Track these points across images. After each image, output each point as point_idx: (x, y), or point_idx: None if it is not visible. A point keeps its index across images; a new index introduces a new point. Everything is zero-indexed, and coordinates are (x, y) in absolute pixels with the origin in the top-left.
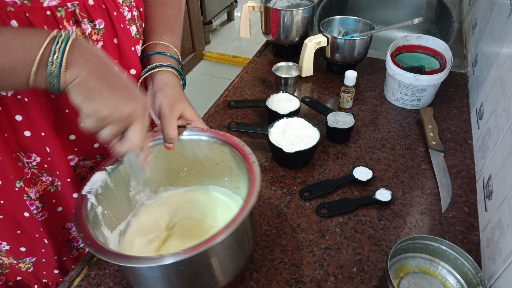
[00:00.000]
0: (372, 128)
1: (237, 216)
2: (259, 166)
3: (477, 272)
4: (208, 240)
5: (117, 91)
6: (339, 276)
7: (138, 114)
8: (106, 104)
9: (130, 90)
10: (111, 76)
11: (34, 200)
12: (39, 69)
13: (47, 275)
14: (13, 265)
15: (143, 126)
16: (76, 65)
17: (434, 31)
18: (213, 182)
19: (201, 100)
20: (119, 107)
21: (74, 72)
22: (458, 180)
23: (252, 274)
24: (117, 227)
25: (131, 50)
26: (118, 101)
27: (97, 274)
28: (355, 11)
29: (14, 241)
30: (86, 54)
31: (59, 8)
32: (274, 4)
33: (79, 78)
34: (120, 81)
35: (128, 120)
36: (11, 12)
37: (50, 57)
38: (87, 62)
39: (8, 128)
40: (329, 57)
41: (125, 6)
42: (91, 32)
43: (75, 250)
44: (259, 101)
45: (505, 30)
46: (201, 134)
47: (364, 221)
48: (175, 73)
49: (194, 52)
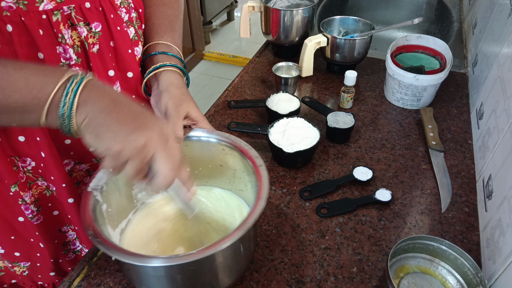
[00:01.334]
0: (372, 128)
1: (247, 219)
2: (266, 169)
3: (477, 272)
4: (220, 241)
5: (127, 124)
6: (339, 276)
7: (155, 143)
8: (116, 139)
9: (142, 120)
10: (121, 110)
11: (29, 204)
12: (51, 109)
13: (43, 278)
14: (8, 268)
15: (166, 154)
16: (84, 105)
17: (434, 31)
18: (215, 184)
19: (201, 100)
20: (130, 140)
21: (83, 113)
22: (458, 180)
23: (252, 274)
24: (119, 225)
25: (128, 53)
26: (128, 133)
27: (97, 274)
28: (355, 11)
29: (8, 245)
30: (96, 94)
31: (55, 11)
32: (274, 4)
33: (87, 118)
34: (131, 113)
35: (146, 152)
36: (7, 16)
37: (63, 97)
38: (96, 102)
39: (1, 133)
40: (329, 57)
41: (122, 8)
42: (87, 35)
43: (72, 253)
44: (259, 101)
45: (505, 30)
46: (206, 135)
47: (364, 221)
48: (179, 72)
49: (194, 52)
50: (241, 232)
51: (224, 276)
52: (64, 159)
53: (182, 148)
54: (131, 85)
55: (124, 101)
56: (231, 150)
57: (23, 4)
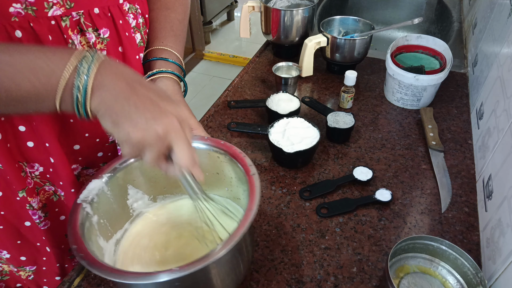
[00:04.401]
0: (372, 128)
1: (236, 232)
2: (259, 179)
3: (477, 272)
4: (206, 257)
5: (146, 110)
6: (339, 276)
7: (176, 129)
8: (137, 127)
9: (161, 106)
10: (139, 95)
11: (36, 209)
12: (65, 95)
13: (48, 282)
14: (13, 272)
15: (186, 141)
16: (99, 91)
17: (434, 31)
18: (213, 192)
19: (201, 100)
20: (151, 128)
21: (98, 98)
22: (458, 180)
23: (252, 274)
24: (113, 236)
25: (135, 59)
26: (148, 120)
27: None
28: (355, 11)
29: (14, 250)
30: (110, 78)
31: (63, 17)
32: (274, 4)
33: (104, 105)
34: (149, 98)
35: (166, 139)
36: (15, 22)
37: (75, 83)
38: (111, 87)
39: (11, 138)
40: (329, 57)
41: (130, 13)
42: (95, 41)
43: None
44: (259, 101)
45: (505, 30)
46: (201, 143)
47: (364, 221)
48: (176, 79)
49: (194, 52)
50: (229, 247)
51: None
52: (72, 164)
53: None
54: None
55: (141, 83)
56: (225, 158)
57: (32, 10)
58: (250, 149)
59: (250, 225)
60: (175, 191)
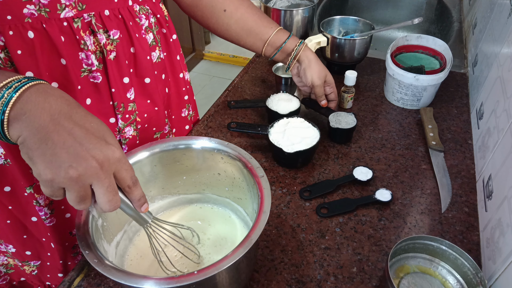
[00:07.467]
0: (372, 128)
1: (249, 234)
2: (267, 180)
3: (477, 272)
4: (222, 260)
5: (63, 151)
6: (339, 276)
7: (93, 172)
8: (48, 168)
9: (83, 146)
10: (60, 133)
11: (43, 206)
12: None
13: (51, 278)
14: (18, 266)
15: (105, 187)
16: (20, 122)
17: (434, 31)
18: (212, 191)
19: (201, 100)
20: (63, 171)
21: (16, 130)
22: (458, 180)
23: (252, 274)
24: (114, 239)
25: (146, 59)
26: (62, 163)
27: (97, 274)
28: (355, 11)
29: (20, 244)
30: (34, 108)
31: (75, 19)
32: (274, 4)
33: (21, 137)
34: (71, 136)
35: (83, 182)
36: (28, 23)
37: None
38: (32, 118)
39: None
40: (329, 57)
41: (142, 14)
42: (106, 42)
43: (81, 255)
44: (259, 101)
45: (505, 30)
46: (205, 143)
47: (364, 221)
48: (309, 47)
49: (194, 52)
50: (244, 249)
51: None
52: None
53: (180, 156)
54: (147, 91)
55: (69, 117)
56: (230, 159)
57: (45, 11)
58: (250, 149)
59: (263, 226)
60: (173, 192)
